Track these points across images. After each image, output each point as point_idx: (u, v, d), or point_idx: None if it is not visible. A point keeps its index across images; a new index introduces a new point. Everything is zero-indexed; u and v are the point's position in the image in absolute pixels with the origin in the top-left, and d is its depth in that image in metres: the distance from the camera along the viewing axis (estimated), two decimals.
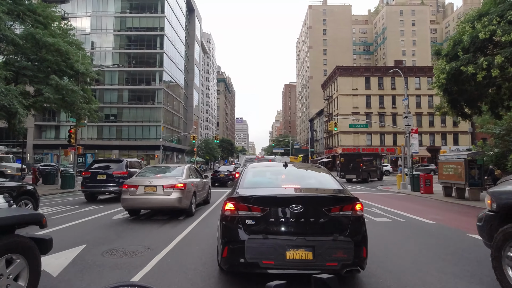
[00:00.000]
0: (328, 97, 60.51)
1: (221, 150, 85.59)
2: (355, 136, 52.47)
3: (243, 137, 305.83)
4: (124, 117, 53.75)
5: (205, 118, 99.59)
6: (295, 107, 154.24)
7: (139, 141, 53.02)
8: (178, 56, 63.72)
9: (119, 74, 54.30)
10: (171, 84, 59.29)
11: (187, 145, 64.81)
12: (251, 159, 19.10)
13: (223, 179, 20.15)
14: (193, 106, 76.22)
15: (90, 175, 12.05)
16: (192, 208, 8.64)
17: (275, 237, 3.28)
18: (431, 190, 16.89)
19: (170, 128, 57.78)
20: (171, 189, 7.89)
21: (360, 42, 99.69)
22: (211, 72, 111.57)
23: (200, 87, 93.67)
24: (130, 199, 7.95)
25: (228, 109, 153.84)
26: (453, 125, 52.18)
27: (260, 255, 3.24)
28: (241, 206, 3.45)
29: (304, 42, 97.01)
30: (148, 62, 54.18)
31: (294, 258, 3.19)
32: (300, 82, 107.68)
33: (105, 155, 52.28)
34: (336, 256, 3.23)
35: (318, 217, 3.36)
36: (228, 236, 3.44)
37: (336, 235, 3.29)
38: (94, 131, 53.67)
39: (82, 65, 21.57)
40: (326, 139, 63.40)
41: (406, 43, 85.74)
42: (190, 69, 76.41)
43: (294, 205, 3.35)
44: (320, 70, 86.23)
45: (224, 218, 3.54)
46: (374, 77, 53.10)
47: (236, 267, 3.41)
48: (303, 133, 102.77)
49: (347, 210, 3.46)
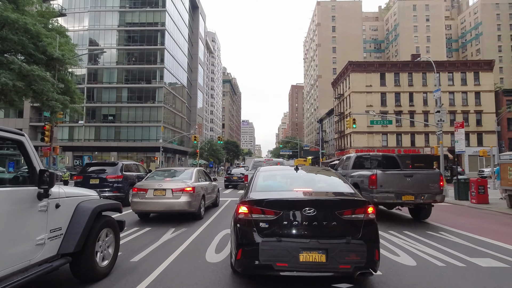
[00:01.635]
0: (339, 95, 56.83)
1: (226, 153, 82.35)
2: (369, 137, 48.65)
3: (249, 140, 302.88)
4: (123, 118, 50.88)
5: (209, 119, 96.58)
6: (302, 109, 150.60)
7: (139, 143, 50.05)
8: (181, 54, 60.84)
9: (118, 71, 51.53)
10: (173, 82, 56.33)
11: (190, 147, 61.70)
12: (260, 161, 19.23)
13: (236, 182, 20.68)
14: (197, 107, 73.25)
15: (82, 179, 11.32)
16: (201, 211, 8.75)
17: (288, 239, 3.37)
18: (486, 199, 13.23)
19: (172, 129, 54.76)
20: (180, 192, 7.98)
21: (371, 40, 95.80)
22: (216, 72, 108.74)
23: (205, 87, 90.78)
24: (140, 202, 8.06)
25: (234, 110, 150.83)
26: (476, 123, 48.05)
27: (274, 257, 3.32)
28: (255, 210, 3.52)
29: (312, 40, 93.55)
30: (148, 59, 51.31)
31: (308, 260, 3.27)
32: (308, 82, 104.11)
33: (103, 157, 49.49)
34: (349, 259, 3.29)
35: (331, 220, 3.43)
36: (242, 239, 3.49)
37: (349, 238, 3.35)
38: (91, 132, 50.89)
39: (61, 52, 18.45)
40: (337, 140, 59.62)
41: (420, 40, 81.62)
42: (194, 68, 73.55)
43: (307, 208, 3.44)
44: (329, 68, 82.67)
45: (238, 221, 3.61)
46: (390, 72, 49.28)
47: (250, 269, 3.46)
48: (311, 134, 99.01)
49: (359, 213, 3.49)
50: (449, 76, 48.83)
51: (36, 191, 3.08)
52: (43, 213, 3.16)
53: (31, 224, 3.03)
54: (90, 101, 50.96)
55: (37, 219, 3.09)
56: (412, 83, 49.00)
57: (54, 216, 3.31)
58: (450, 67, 48.91)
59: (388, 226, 7.81)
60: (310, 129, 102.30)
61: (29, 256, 2.96)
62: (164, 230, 7.14)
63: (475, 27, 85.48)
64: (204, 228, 7.47)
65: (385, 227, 7.70)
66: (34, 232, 3.04)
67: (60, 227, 3.41)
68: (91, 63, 51.29)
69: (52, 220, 3.29)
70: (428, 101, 48.05)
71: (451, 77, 48.87)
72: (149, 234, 6.80)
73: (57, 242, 3.35)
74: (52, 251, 3.28)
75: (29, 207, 3.01)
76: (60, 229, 3.40)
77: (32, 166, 3.14)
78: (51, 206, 3.27)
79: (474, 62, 48.89)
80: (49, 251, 3.24)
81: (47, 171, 3.09)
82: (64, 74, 20.35)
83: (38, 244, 3.06)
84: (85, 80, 50.99)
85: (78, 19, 51.93)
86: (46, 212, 3.20)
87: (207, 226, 7.71)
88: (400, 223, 8.52)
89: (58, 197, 3.41)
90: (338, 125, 58.49)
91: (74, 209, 3.65)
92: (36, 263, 3.06)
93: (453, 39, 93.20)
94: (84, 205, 3.74)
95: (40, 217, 3.14)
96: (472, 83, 48.06)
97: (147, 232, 7.02)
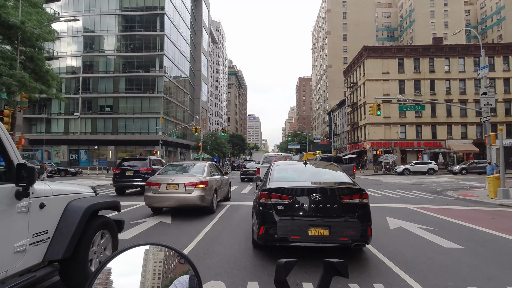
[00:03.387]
0: (352, 84, 52.74)
1: (232, 146, 78.99)
2: (385, 128, 44.65)
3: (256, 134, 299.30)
4: (121, 109, 47.78)
5: (214, 112, 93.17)
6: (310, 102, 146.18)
7: (138, 136, 46.95)
8: (183, 42, 57.29)
9: (115, 60, 48.30)
10: (174, 72, 52.91)
11: (193, 140, 58.49)
12: (270, 156, 20.41)
13: (252, 175, 21.43)
14: (200, 99, 69.83)
15: (120, 172, 13.58)
16: (213, 206, 8.75)
17: (300, 218, 4.30)
18: None
19: (173, 121, 51.52)
20: (192, 187, 7.98)
21: (383, 28, 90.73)
22: (221, 64, 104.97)
23: (209, 78, 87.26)
24: (153, 196, 8.08)
25: (240, 104, 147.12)
26: (505, 113, 43.64)
27: (289, 232, 4.25)
28: (273, 196, 4.46)
29: (322, 28, 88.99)
30: (147, 46, 47.92)
31: (315, 234, 4.19)
32: (317, 72, 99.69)
33: (100, 151, 46.65)
34: (347, 233, 4.22)
35: (333, 204, 4.34)
36: (263, 218, 4.43)
37: (347, 217, 4.29)
38: (87, 124, 47.94)
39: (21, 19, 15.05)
40: (350, 133, 55.68)
41: (437, 26, 76.44)
42: (197, 58, 69.99)
43: (314, 194, 4.36)
44: (339, 57, 78.28)
45: (260, 205, 4.55)
46: (409, 58, 44.99)
47: (270, 241, 4.40)
48: (320, 128, 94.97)
49: (355, 198, 4.43)
50: (475, 61, 44.32)
51: (14, 189, 2.65)
52: (23, 215, 2.74)
53: (8, 228, 2.62)
54: (86, 91, 47.95)
55: (15, 222, 2.69)
56: (433, 70, 44.67)
57: (38, 218, 2.89)
58: (476, 51, 44.34)
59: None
60: (319, 122, 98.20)
61: (5, 266, 2.53)
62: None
63: (496, 12, 79.85)
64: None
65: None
66: (11, 238, 2.64)
67: (46, 230, 2.99)
68: (87, 51, 48.11)
69: (36, 223, 2.86)
70: (451, 89, 43.77)
71: (477, 62, 44.33)
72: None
73: (42, 248, 2.95)
74: (36, 258, 2.89)
75: (5, 208, 2.60)
76: (46, 232, 2.99)
77: (9, 159, 2.68)
78: (34, 207, 2.86)
79: (504, 46, 44.25)
80: (33, 259, 2.84)
81: (26, 165, 2.62)
82: (34, 51, 17.01)
83: (18, 252, 2.63)
84: (80, 69, 47.90)
85: (72, 3, 48.64)
86: (28, 214, 2.79)
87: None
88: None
89: (43, 196, 2.98)
90: (350, 117, 54.51)
91: (64, 209, 3.24)
92: (16, 273, 2.65)
93: (472, 26, 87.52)
94: (75, 204, 3.31)
95: (20, 219, 2.73)
96: (501, 68, 43.50)
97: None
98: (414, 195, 14.64)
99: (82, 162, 46.49)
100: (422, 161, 36.24)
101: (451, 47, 45.34)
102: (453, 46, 45.79)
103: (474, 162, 33.31)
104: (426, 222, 7.52)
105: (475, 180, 24.93)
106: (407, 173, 33.56)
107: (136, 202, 11.24)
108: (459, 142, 43.35)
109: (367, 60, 45.63)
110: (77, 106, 47.62)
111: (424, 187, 19.57)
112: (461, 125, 44.02)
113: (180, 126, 49.14)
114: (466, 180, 25.64)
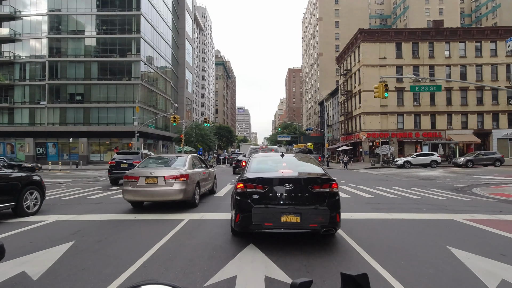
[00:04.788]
0: (345, 71, 49.37)
1: (218, 139, 75.03)
2: (382, 118, 41.59)
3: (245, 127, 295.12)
4: (94, 97, 43.14)
5: (200, 103, 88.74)
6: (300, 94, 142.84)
7: (113, 127, 42.53)
8: (163, 25, 52.62)
9: (86, 42, 43.41)
10: (154, 57, 48.38)
11: (175, 132, 54.35)
12: (256, 148, 20.60)
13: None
14: (185, 88, 65.36)
15: (115, 164, 15.28)
16: (195, 199, 8.44)
17: (273, 206, 4.53)
18: None
19: (154, 112, 47.21)
20: (173, 180, 7.68)
21: (376, 15, 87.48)
22: (208, 53, 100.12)
23: (195, 67, 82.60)
24: (131, 190, 7.72)
25: (228, 95, 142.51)
26: (507, 102, 41.12)
27: (263, 219, 4.51)
28: (249, 185, 4.69)
29: (313, 15, 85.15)
30: (121, 27, 43.19)
31: (287, 221, 4.44)
32: (308, 62, 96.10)
33: (70, 145, 42.12)
34: (316, 220, 4.48)
35: (304, 193, 4.55)
36: (240, 207, 4.65)
37: (317, 205, 4.51)
38: (56, 114, 43.16)
39: None
40: (343, 123, 52.56)
41: (432, 13, 73.59)
42: (181, 44, 65.25)
43: (287, 184, 4.58)
44: (331, 45, 74.90)
45: (237, 194, 4.77)
46: (407, 42, 41.81)
47: (246, 228, 4.64)
48: (310, 119, 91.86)
49: (325, 188, 4.63)
50: (477, 46, 41.50)
51: None
52: None
53: None
54: (53, 78, 43.03)
55: None
56: (433, 55, 41.64)
57: None
58: (478, 35, 41.51)
59: None
60: (309, 113, 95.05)
61: None
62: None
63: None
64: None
65: None
66: None
67: None
68: (53, 32, 43.02)
69: None
70: (452, 76, 40.84)
71: (479, 47, 41.55)
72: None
73: None
74: None
75: None
76: None
77: None
78: None
79: (506, 29, 41.49)
80: None
81: None
82: None
83: None
84: (46, 52, 42.87)
85: None
86: None
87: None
88: None
89: None
90: (344, 106, 51.31)
91: None
92: None
93: (466, 14, 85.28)
94: None
95: None
96: (504, 53, 40.80)
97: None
98: (437, 194, 11.39)
99: (51, 156, 41.89)
100: (423, 152, 33.32)
101: (452, 30, 42.34)
102: (454, 29, 42.80)
103: (480, 154, 30.55)
104: None
105: (489, 174, 22.02)
106: (407, 166, 30.60)
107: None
108: (459, 133, 40.73)
109: (362, 44, 42.22)
110: (44, 94, 42.73)
111: (439, 183, 16.44)
112: (462, 114, 41.33)
113: (158, 116, 44.70)
114: (477, 173, 22.73)
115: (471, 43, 41.45)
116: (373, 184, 15.83)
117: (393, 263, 4.04)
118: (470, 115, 41.32)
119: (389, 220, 6.88)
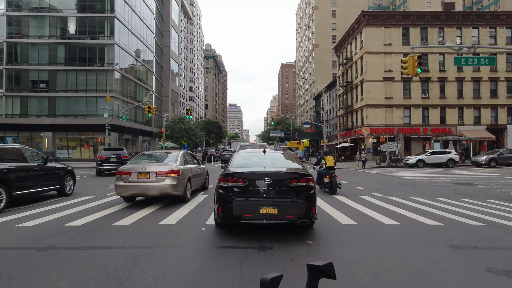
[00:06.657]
0: (345, 60, 44.87)
1: (207, 135, 69.95)
2: (387, 111, 37.28)
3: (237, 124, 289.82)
4: (60, 85, 37.63)
5: (188, 97, 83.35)
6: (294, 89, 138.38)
7: (82, 119, 37.16)
8: (144, 8, 47.22)
9: (51, 22, 37.78)
10: (132, 41, 42.98)
11: (157, 126, 49.13)
12: (245, 145, 20.60)
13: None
14: (169, 79, 59.99)
15: (105, 158, 18.39)
16: (187, 194, 8.64)
17: (253, 199, 4.78)
18: None
19: (131, 103, 41.88)
20: (164, 175, 7.82)
21: (374, 6, 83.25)
22: (197, 44, 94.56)
23: (182, 58, 77.12)
24: (124, 185, 7.89)
25: (219, 90, 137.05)
26: None
27: (243, 211, 4.75)
28: (230, 180, 4.95)
29: (308, 4, 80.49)
30: (92, 5, 37.70)
31: (265, 212, 4.68)
32: (302, 55, 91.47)
33: (33, 139, 36.64)
34: (293, 211, 4.72)
35: (282, 186, 4.83)
36: (222, 199, 4.91)
37: (293, 198, 4.79)
38: (15, 104, 37.53)
39: None
40: (342, 118, 48.15)
41: (433, 2, 69.71)
42: (166, 32, 59.82)
43: (266, 178, 4.83)
44: (327, 36, 70.51)
45: (219, 188, 5.05)
46: (415, 27, 37.52)
47: (227, 219, 4.93)
48: (305, 115, 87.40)
49: (302, 182, 4.91)
50: (491, 32, 37.49)
51: None
52: None
53: None
54: (12, 62, 37.33)
55: None
56: (443, 42, 37.38)
57: None
58: (493, 20, 37.48)
59: None
60: (304, 109, 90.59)
61: None
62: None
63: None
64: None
65: None
66: None
67: None
68: (11, 9, 37.26)
69: None
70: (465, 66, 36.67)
71: (493, 33, 37.54)
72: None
73: None
74: None
75: None
76: None
77: None
78: None
79: None
80: None
81: None
82: None
83: None
84: (3, 32, 37.10)
85: None
86: None
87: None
88: None
89: None
90: (343, 99, 46.86)
91: None
92: None
93: (467, 6, 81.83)
94: None
95: None
96: None
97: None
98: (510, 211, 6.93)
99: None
100: (438, 150, 29.11)
101: (465, 14, 38.21)
102: (466, 13, 38.71)
103: (505, 152, 26.44)
104: None
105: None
106: (421, 165, 26.32)
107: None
108: (471, 128, 36.73)
109: (366, 29, 37.74)
110: (1, 81, 37.02)
111: (485, 190, 12.24)
112: (474, 108, 37.32)
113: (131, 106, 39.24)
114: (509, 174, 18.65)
115: (485, 29, 37.38)
116: (402, 192, 11.35)
117: None
118: (483, 108, 37.34)
119: None
